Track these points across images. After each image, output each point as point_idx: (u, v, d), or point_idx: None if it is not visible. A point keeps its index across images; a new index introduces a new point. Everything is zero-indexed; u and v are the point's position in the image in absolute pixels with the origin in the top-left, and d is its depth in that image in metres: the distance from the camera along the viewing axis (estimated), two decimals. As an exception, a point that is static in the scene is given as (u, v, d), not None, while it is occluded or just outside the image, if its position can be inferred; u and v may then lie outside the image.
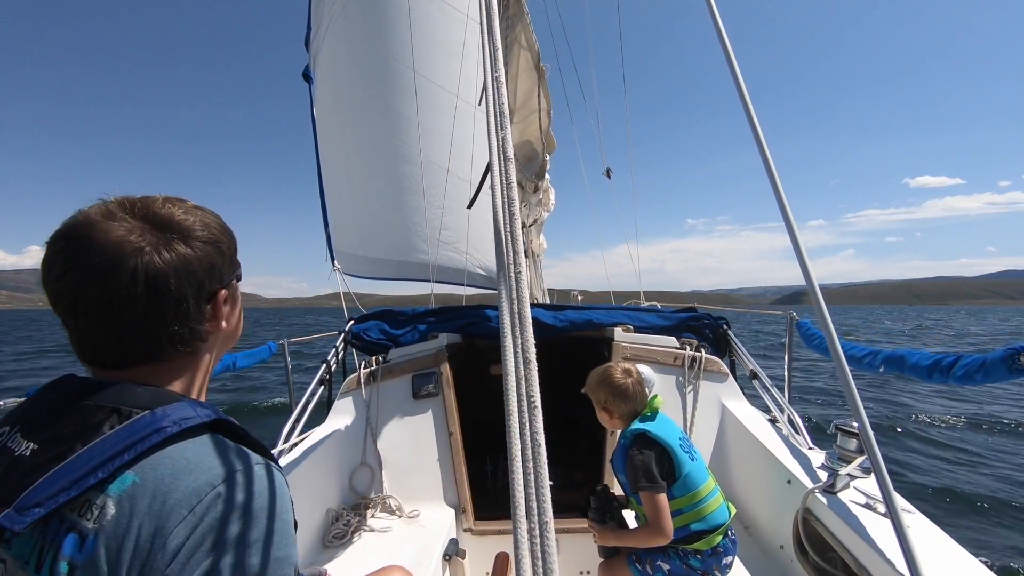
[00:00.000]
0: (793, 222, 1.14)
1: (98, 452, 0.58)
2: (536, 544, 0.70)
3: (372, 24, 5.24)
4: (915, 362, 1.80)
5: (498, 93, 0.87)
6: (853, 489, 1.89)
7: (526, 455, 0.72)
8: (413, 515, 2.48)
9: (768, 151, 1.19)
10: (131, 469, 0.59)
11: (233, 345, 0.84)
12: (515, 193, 0.79)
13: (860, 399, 1.13)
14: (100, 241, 0.63)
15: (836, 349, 1.20)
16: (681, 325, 3.15)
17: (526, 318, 0.75)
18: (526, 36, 3.77)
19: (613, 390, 1.87)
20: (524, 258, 0.77)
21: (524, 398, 0.71)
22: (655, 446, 1.75)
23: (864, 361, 2.12)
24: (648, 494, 1.69)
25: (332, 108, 5.65)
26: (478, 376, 3.52)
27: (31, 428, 0.63)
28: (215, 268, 0.72)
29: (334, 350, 3.19)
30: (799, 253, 1.15)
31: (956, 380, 1.58)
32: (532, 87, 3.84)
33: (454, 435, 2.69)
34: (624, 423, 1.90)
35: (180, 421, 0.62)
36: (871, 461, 1.08)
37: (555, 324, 2.96)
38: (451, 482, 2.63)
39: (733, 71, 1.22)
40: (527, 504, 0.72)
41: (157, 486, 0.58)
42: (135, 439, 0.59)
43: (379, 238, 5.87)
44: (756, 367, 2.88)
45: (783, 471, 2.16)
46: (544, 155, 4.03)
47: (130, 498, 0.57)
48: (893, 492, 1.05)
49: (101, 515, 0.56)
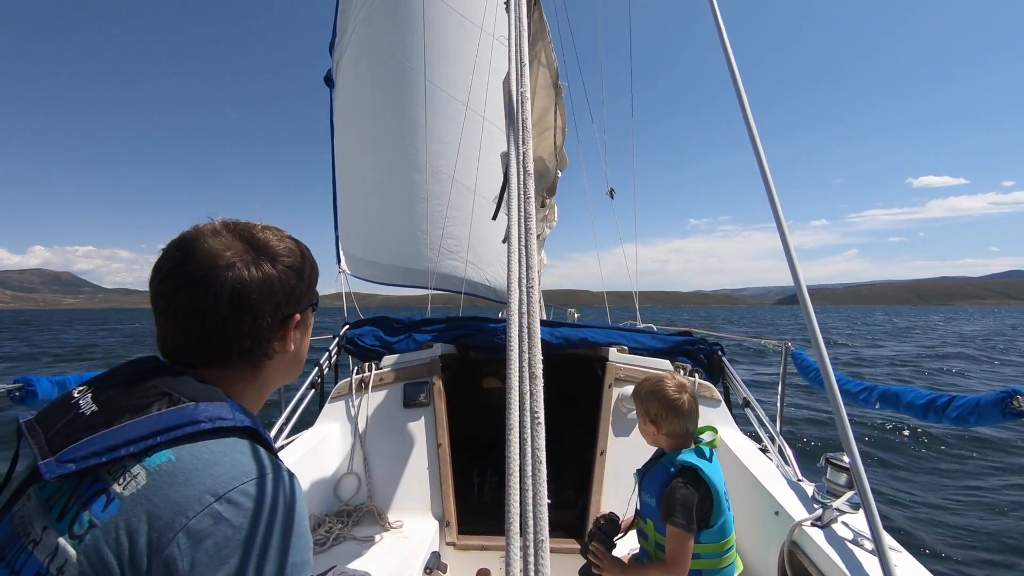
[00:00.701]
0: (787, 230, 1.15)
1: (139, 428, 0.63)
2: (530, 563, 0.69)
3: (395, 34, 5.33)
4: (910, 400, 1.80)
5: (522, 109, 0.88)
6: (841, 524, 1.88)
7: (525, 471, 0.72)
8: (396, 525, 2.45)
9: (763, 153, 1.20)
10: (170, 449, 0.63)
11: (298, 373, 0.88)
12: (532, 207, 0.80)
13: (852, 434, 1.13)
14: (201, 252, 0.72)
15: (831, 383, 1.20)
16: (676, 348, 3.15)
17: (535, 333, 0.75)
18: (546, 54, 3.82)
19: (667, 404, 1.76)
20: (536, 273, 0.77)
21: (528, 413, 0.71)
22: (703, 487, 1.67)
23: (859, 397, 2.12)
24: (679, 532, 1.63)
25: (351, 113, 5.74)
26: (470, 388, 3.50)
27: (100, 392, 0.68)
28: (293, 292, 0.79)
29: (327, 354, 3.18)
30: (791, 262, 1.16)
31: (950, 421, 1.59)
32: (549, 104, 3.88)
33: (442, 446, 2.67)
34: (670, 441, 1.80)
35: (215, 419, 0.66)
36: (860, 497, 1.08)
37: (551, 341, 2.96)
38: (437, 494, 2.60)
39: (732, 74, 1.23)
40: (522, 521, 0.72)
41: (190, 469, 0.61)
42: (172, 424, 0.64)
43: (386, 244, 5.93)
44: (749, 395, 2.88)
45: (771, 502, 2.15)
46: (556, 172, 4.06)
47: (162, 474, 0.60)
48: (881, 530, 1.05)
49: (133, 483, 0.60)
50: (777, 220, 1.16)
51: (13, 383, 1.63)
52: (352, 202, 6.01)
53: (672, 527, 1.64)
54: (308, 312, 0.84)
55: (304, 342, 0.85)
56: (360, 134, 5.77)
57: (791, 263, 1.16)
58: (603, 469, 2.61)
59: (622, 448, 2.66)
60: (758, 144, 1.17)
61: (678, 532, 1.63)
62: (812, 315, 1.25)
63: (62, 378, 1.79)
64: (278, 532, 0.62)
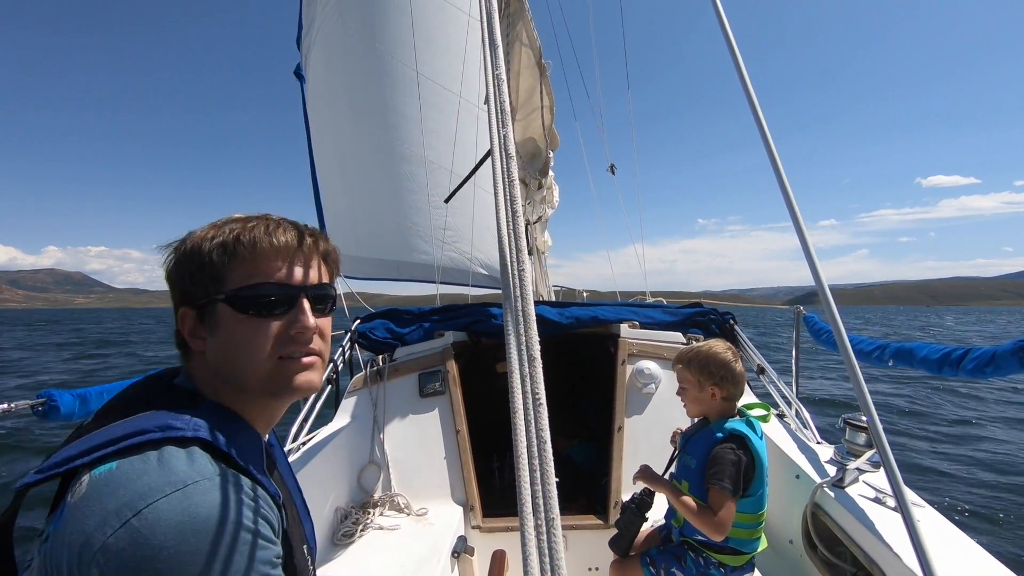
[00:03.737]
0: (800, 218, 1.13)
1: (97, 438, 0.62)
2: (543, 541, 0.70)
3: (368, 22, 5.16)
4: (924, 355, 1.78)
5: (499, 91, 0.86)
6: (862, 483, 1.88)
7: (532, 452, 0.73)
8: (421, 513, 2.49)
9: (775, 149, 1.18)
10: (117, 459, 0.60)
11: (241, 385, 0.74)
12: (517, 190, 0.79)
13: (869, 392, 1.12)
14: None
15: (844, 343, 1.19)
16: (687, 320, 3.14)
17: (530, 315, 0.75)
18: (527, 33, 3.75)
19: (728, 369, 1.78)
20: (528, 255, 0.77)
21: (529, 395, 0.72)
22: (750, 455, 1.70)
23: (873, 355, 2.10)
24: (723, 494, 1.64)
25: (326, 107, 5.56)
26: (484, 374, 3.52)
27: (107, 405, 0.69)
28: (175, 285, 0.75)
29: (340, 349, 3.21)
30: (804, 242, 1.14)
31: (966, 373, 1.56)
32: (534, 84, 3.83)
33: (461, 433, 2.69)
34: (725, 406, 1.82)
35: (165, 429, 0.63)
36: (880, 455, 1.08)
37: (560, 321, 2.96)
38: (459, 480, 2.63)
39: (740, 71, 1.21)
40: (533, 501, 0.72)
41: (119, 480, 0.58)
42: (125, 434, 0.62)
43: (377, 238, 5.79)
44: (763, 361, 2.86)
45: (791, 466, 2.15)
46: (547, 152, 4.02)
47: (101, 484, 0.58)
48: (903, 486, 1.05)
49: (77, 492, 0.58)
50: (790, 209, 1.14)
51: (36, 398, 1.66)
52: (336, 198, 5.76)
53: (717, 489, 1.66)
54: (219, 307, 0.72)
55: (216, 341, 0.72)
56: (337, 127, 5.57)
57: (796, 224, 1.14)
58: (621, 445, 2.62)
59: (639, 422, 2.67)
60: (769, 139, 1.15)
61: (722, 494, 1.64)
62: (823, 277, 1.23)
63: (83, 391, 1.82)
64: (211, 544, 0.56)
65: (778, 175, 1.15)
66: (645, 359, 2.77)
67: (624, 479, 2.56)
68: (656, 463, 1.97)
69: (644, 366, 2.74)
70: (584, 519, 2.55)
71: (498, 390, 3.75)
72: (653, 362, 2.77)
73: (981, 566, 1.39)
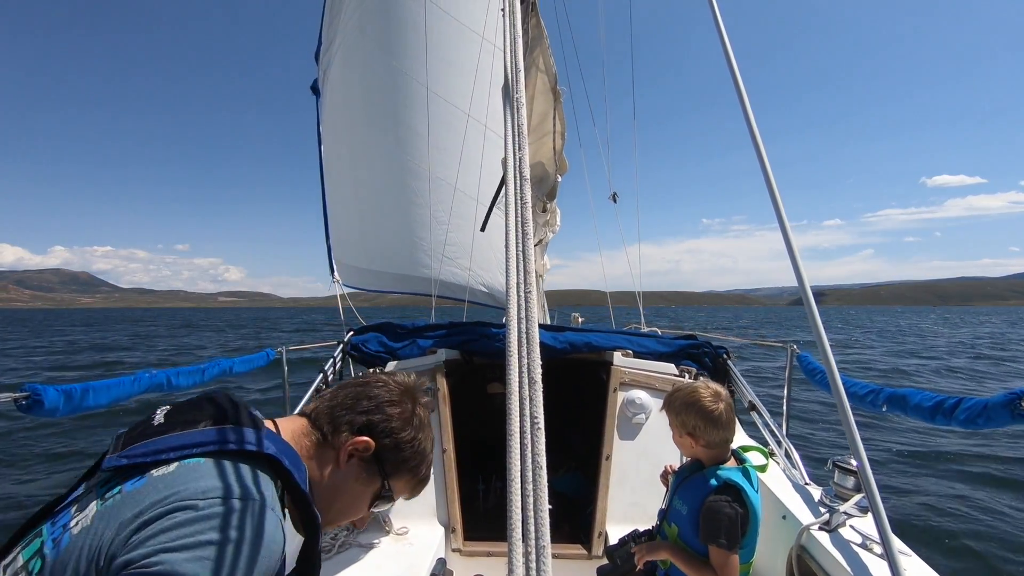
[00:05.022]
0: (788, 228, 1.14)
1: (182, 439, 0.78)
2: (532, 569, 0.69)
3: (388, 41, 5.32)
4: (917, 403, 1.78)
5: (518, 115, 0.88)
6: (849, 527, 1.86)
7: (526, 476, 0.72)
8: (402, 532, 2.44)
9: (764, 152, 1.19)
10: (205, 457, 0.76)
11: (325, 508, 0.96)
12: (529, 213, 0.80)
13: (860, 437, 1.12)
14: None
15: (837, 385, 1.19)
16: (680, 352, 3.14)
17: (534, 338, 0.75)
18: (544, 59, 3.84)
19: (705, 416, 1.69)
20: (535, 278, 0.77)
21: (527, 419, 0.71)
22: (746, 509, 1.65)
23: (866, 399, 2.10)
24: (724, 553, 1.60)
25: (342, 120, 5.70)
26: (474, 393, 3.49)
27: (171, 412, 0.85)
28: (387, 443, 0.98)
29: (332, 360, 3.18)
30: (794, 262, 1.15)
31: (959, 424, 1.57)
32: (548, 109, 3.90)
33: (447, 452, 2.66)
34: (709, 452, 1.75)
35: (241, 442, 0.79)
36: (869, 500, 1.07)
37: (555, 345, 2.95)
38: (442, 500, 2.59)
39: (733, 74, 1.23)
40: (524, 527, 0.71)
41: (192, 474, 0.73)
42: (203, 440, 0.78)
43: (382, 251, 5.89)
44: (755, 399, 2.86)
45: (779, 506, 2.13)
46: (556, 176, 4.07)
47: (180, 471, 0.74)
48: (890, 533, 1.04)
49: (164, 468, 0.74)
50: (781, 225, 1.15)
51: (20, 392, 1.63)
52: (346, 210, 5.93)
53: (717, 549, 1.61)
54: (376, 469, 0.96)
55: (353, 493, 0.95)
56: (352, 142, 5.73)
57: (795, 264, 1.16)
58: (608, 474, 2.60)
59: (627, 452, 2.65)
60: (759, 142, 1.17)
61: (723, 553, 1.60)
62: (817, 316, 1.24)
63: (68, 387, 1.79)
64: (241, 554, 0.69)
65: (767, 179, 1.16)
66: (637, 388, 2.77)
67: (610, 509, 2.52)
68: (643, 494, 1.95)
69: (635, 395, 2.73)
70: (569, 548, 2.51)
71: (487, 410, 3.73)
72: (645, 392, 2.76)
73: None
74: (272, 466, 0.81)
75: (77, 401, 1.77)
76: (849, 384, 2.22)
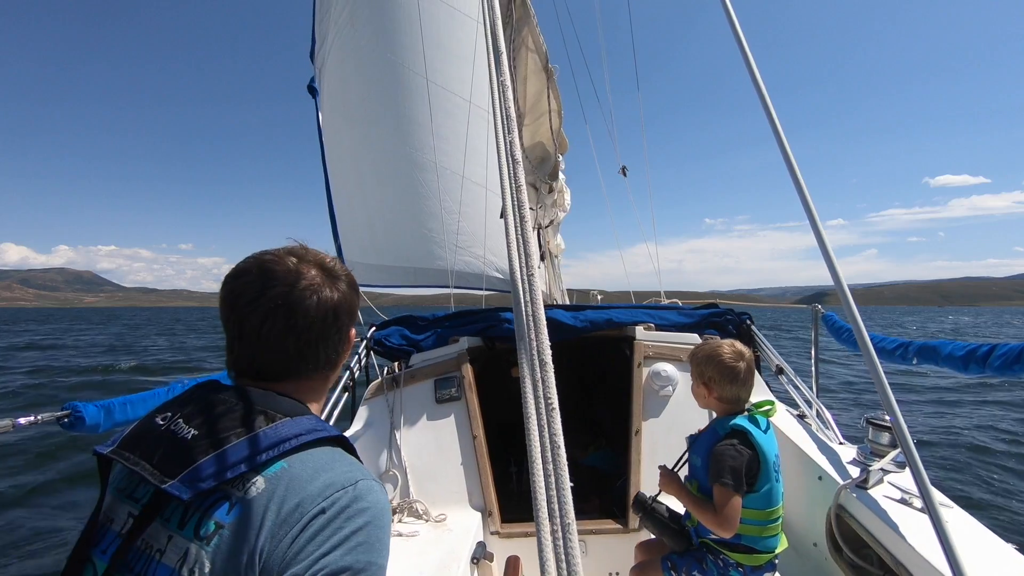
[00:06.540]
0: (815, 214, 1.11)
1: (253, 445, 0.72)
2: (559, 546, 0.69)
3: (381, 32, 5.25)
4: (949, 352, 1.73)
5: (504, 97, 0.87)
6: (887, 484, 1.83)
7: (546, 457, 0.72)
8: (440, 519, 2.49)
9: (788, 147, 1.17)
10: (283, 459, 0.73)
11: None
12: (524, 196, 0.79)
13: (892, 391, 1.10)
14: (288, 278, 0.80)
15: (865, 341, 1.16)
16: (703, 322, 3.10)
17: (540, 320, 0.75)
18: (533, 39, 3.76)
19: (722, 369, 1.77)
20: (538, 260, 0.77)
21: (542, 400, 0.71)
22: (752, 450, 1.69)
23: (896, 354, 2.05)
24: (726, 491, 1.64)
25: (342, 118, 5.66)
26: (499, 378, 3.52)
27: (191, 417, 0.76)
28: (353, 307, 0.90)
29: (356, 357, 3.23)
30: (820, 238, 1.12)
31: (993, 371, 1.52)
32: (541, 89, 3.84)
33: (478, 438, 2.69)
34: (722, 406, 1.82)
35: (312, 431, 0.77)
36: (905, 455, 1.05)
37: (575, 324, 2.94)
38: (476, 485, 2.63)
39: (751, 69, 1.20)
40: (549, 506, 0.72)
41: (302, 474, 0.71)
42: (280, 439, 0.73)
43: (393, 246, 5.87)
44: (782, 362, 2.81)
45: (813, 467, 2.11)
46: (556, 156, 4.01)
47: (277, 479, 0.70)
48: (930, 486, 1.02)
49: (253, 488, 0.69)
50: (806, 207, 1.12)
51: (61, 410, 1.70)
52: (352, 209, 5.86)
53: (719, 486, 1.65)
54: None
55: None
56: (353, 138, 5.66)
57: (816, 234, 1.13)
58: (639, 449, 2.60)
59: (657, 425, 2.65)
60: (783, 138, 1.14)
61: (725, 491, 1.64)
62: (840, 274, 1.21)
63: (107, 402, 1.84)
64: (382, 531, 0.72)
65: (792, 173, 1.14)
66: (662, 361, 2.75)
67: (642, 483, 2.53)
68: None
69: (661, 368, 2.71)
70: (603, 523, 2.53)
71: (513, 394, 3.74)
72: (670, 364, 2.74)
73: (1014, 568, 1.35)
74: (340, 442, 0.82)
75: (117, 415, 1.84)
76: (877, 340, 2.16)
